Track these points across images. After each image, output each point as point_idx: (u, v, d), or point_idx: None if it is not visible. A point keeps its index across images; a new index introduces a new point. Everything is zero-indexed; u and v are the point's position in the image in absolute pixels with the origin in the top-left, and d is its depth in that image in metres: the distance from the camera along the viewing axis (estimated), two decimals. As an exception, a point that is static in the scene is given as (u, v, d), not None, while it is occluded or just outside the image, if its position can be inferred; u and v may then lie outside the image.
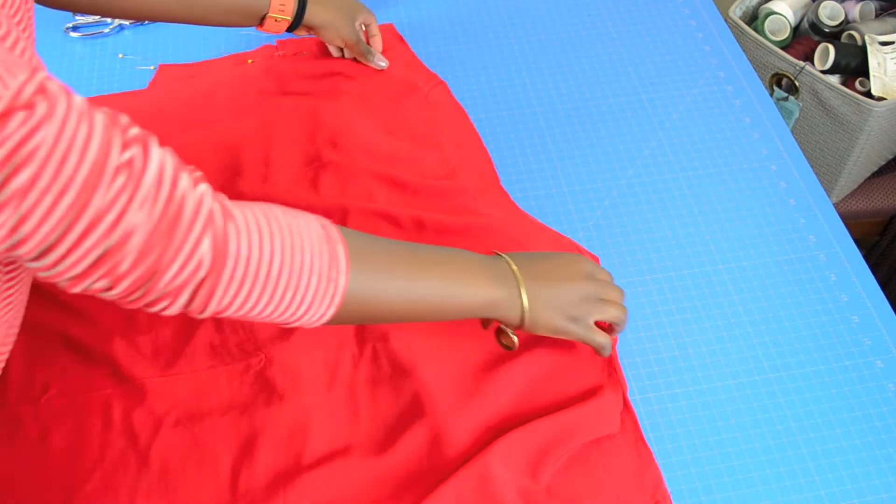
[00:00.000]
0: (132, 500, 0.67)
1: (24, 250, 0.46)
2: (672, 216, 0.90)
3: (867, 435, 0.74)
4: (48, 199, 0.45)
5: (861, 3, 1.49)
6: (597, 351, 0.71)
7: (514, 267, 0.68)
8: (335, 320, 0.60)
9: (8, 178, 0.43)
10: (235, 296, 0.53)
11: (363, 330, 0.76)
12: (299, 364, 0.74)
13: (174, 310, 0.53)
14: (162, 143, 0.52)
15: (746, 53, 1.13)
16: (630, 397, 0.75)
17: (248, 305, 0.55)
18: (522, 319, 0.68)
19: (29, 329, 0.74)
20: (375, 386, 0.73)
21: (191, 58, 1.04)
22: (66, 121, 0.45)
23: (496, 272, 0.67)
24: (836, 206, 1.37)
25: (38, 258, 0.47)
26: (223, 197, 0.54)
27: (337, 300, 0.58)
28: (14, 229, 0.45)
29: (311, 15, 0.92)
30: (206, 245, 0.51)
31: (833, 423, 0.75)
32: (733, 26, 1.47)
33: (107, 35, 1.07)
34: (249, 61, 1.02)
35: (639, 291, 0.83)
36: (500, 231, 0.83)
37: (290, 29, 0.92)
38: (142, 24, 1.08)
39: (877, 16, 1.51)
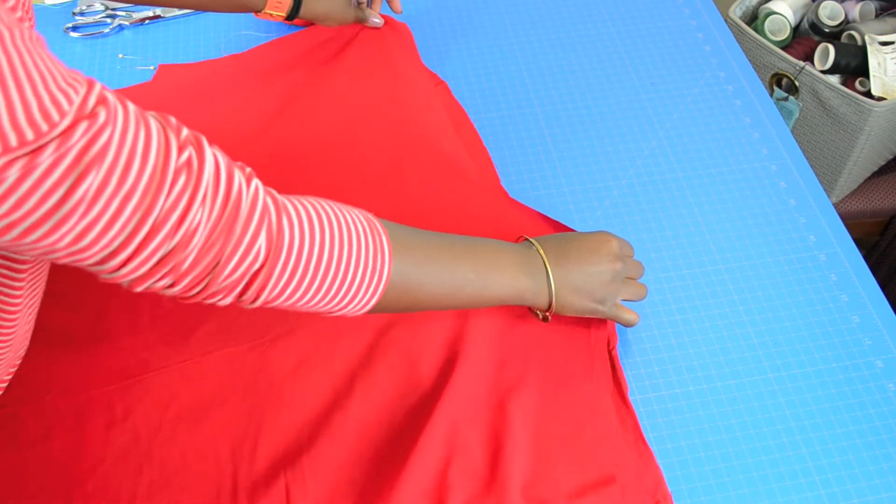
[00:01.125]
0: (133, 495, 0.67)
1: (88, 255, 0.47)
2: (672, 216, 0.90)
3: (867, 435, 0.74)
4: (114, 205, 0.45)
5: (861, 3, 1.49)
6: (625, 325, 0.75)
7: (543, 253, 0.70)
8: (377, 308, 0.62)
9: (74, 186, 0.44)
10: (287, 285, 0.55)
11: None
12: (302, 343, 0.75)
13: (228, 300, 0.54)
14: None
15: (746, 53, 1.13)
16: (630, 397, 0.75)
17: (298, 294, 0.56)
18: (550, 305, 0.71)
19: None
20: (373, 358, 0.74)
21: (191, 58, 1.04)
22: (127, 127, 0.46)
23: (526, 260, 0.70)
24: (836, 206, 1.38)
25: (101, 262, 0.48)
26: (274, 191, 0.55)
27: (381, 288, 0.60)
28: (80, 236, 0.46)
29: (306, 10, 0.93)
30: (262, 238, 0.52)
31: (833, 423, 0.75)
32: (733, 26, 1.47)
33: (107, 35, 1.07)
34: None
35: (639, 291, 0.83)
36: (510, 223, 0.84)
37: (288, 20, 0.94)
38: (142, 24, 1.08)
39: (877, 16, 1.51)
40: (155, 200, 0.47)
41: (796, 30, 1.53)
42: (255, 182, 0.53)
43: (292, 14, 0.93)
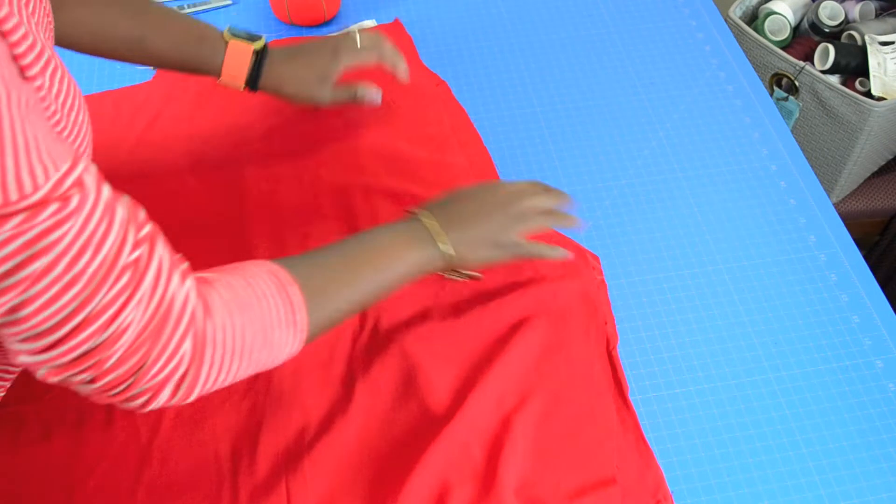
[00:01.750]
0: (133, 494, 0.68)
1: (17, 329, 0.47)
2: (672, 216, 0.90)
3: (867, 435, 0.74)
4: (55, 289, 0.45)
5: (861, 3, 1.49)
6: (542, 257, 0.73)
7: (429, 222, 0.70)
8: (305, 343, 0.62)
9: (24, 263, 0.44)
10: (217, 378, 0.55)
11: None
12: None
13: (157, 405, 0.54)
14: (168, 135, 0.52)
15: (746, 53, 1.13)
16: (630, 397, 0.75)
17: (230, 378, 0.57)
18: (453, 265, 0.71)
19: None
20: (372, 360, 0.74)
21: (191, 58, 1.04)
22: (92, 215, 0.47)
23: (414, 236, 0.70)
24: (836, 206, 1.38)
25: (28, 340, 0.47)
26: (203, 288, 0.55)
27: (302, 336, 0.61)
28: (14, 309, 0.46)
29: (267, 81, 0.84)
30: (188, 343, 0.52)
31: (833, 423, 0.75)
32: (733, 26, 1.47)
33: (107, 35, 1.07)
34: None
35: (639, 291, 0.83)
36: None
37: (251, 90, 0.85)
38: (142, 24, 1.08)
39: (877, 16, 1.51)
40: (95, 292, 0.47)
41: (796, 30, 1.53)
42: (189, 283, 0.53)
43: (251, 84, 0.83)
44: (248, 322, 0.56)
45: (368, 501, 0.67)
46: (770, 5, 1.52)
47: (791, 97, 1.43)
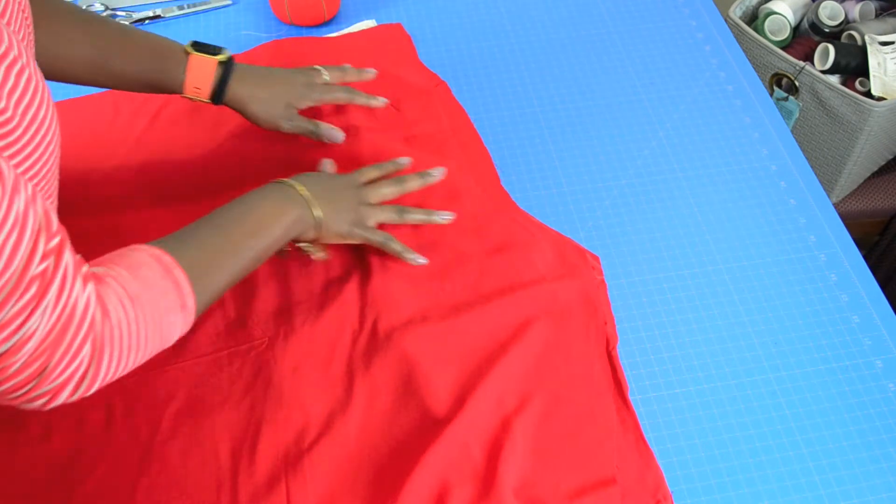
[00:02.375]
0: (133, 494, 0.68)
1: None
2: (672, 216, 0.90)
3: (867, 435, 0.74)
4: None
5: (861, 3, 1.49)
6: (382, 247, 0.78)
7: (302, 189, 0.74)
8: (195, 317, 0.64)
9: None
10: (114, 373, 0.57)
11: (365, 306, 0.78)
12: (300, 343, 0.76)
13: (57, 403, 0.55)
14: (168, 135, 0.52)
15: (746, 53, 1.13)
16: (630, 397, 0.75)
17: (130, 367, 0.58)
18: (318, 230, 0.74)
19: None
20: (372, 361, 0.74)
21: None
22: (2, 229, 0.46)
23: (289, 200, 0.73)
24: (836, 206, 1.38)
25: None
26: (94, 278, 0.56)
27: (190, 317, 0.63)
28: None
29: (232, 96, 0.83)
30: (87, 346, 0.53)
31: (833, 423, 0.75)
32: (733, 26, 1.47)
33: (107, 35, 1.07)
34: None
35: (639, 291, 0.83)
36: (499, 232, 0.83)
37: (215, 103, 0.84)
38: (142, 24, 1.08)
39: (877, 16, 1.51)
40: (3, 305, 0.47)
41: (796, 30, 1.53)
42: (89, 288, 0.54)
43: (216, 98, 0.82)
44: (142, 315, 0.58)
45: (368, 502, 0.67)
46: (770, 5, 1.52)
47: (791, 97, 1.43)
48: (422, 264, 0.78)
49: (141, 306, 0.58)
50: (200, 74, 0.81)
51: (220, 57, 0.81)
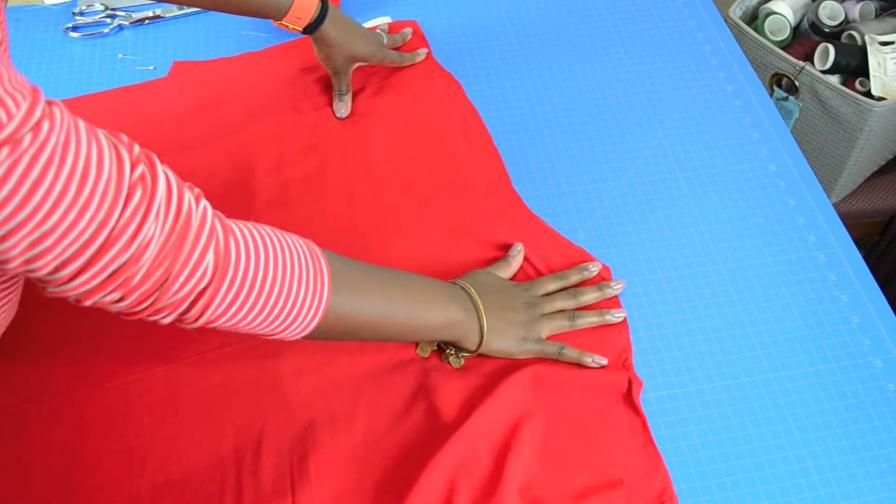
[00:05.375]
0: (137, 490, 0.68)
1: (41, 263, 0.47)
2: (672, 216, 0.90)
3: (867, 435, 0.74)
4: (71, 216, 0.45)
5: (861, 3, 1.49)
6: (558, 358, 0.76)
7: (475, 296, 0.74)
8: (314, 334, 0.62)
9: (28, 195, 0.44)
10: (230, 305, 0.55)
11: None
12: (307, 342, 0.75)
13: (171, 318, 0.54)
14: (180, 139, 0.52)
15: (746, 53, 1.13)
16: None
17: (240, 315, 0.56)
18: (480, 341, 0.73)
19: (31, 328, 0.74)
20: (380, 368, 0.75)
21: (190, 59, 1.04)
22: (80, 138, 0.46)
23: (458, 297, 0.73)
24: (836, 206, 1.38)
25: (53, 271, 0.48)
26: (221, 214, 0.56)
27: (321, 312, 0.60)
28: (36, 242, 0.45)
29: (325, 31, 0.91)
30: (210, 255, 0.52)
31: (833, 423, 0.75)
32: (733, 26, 1.47)
33: (106, 35, 1.07)
34: None
35: (639, 291, 0.83)
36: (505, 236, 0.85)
37: (304, 33, 0.92)
38: (141, 24, 1.08)
39: (877, 16, 1.51)
40: (111, 212, 0.47)
41: (796, 30, 1.53)
42: (204, 202, 0.54)
43: (310, 29, 0.90)
44: (272, 263, 0.56)
45: (375, 503, 0.67)
46: (770, 5, 1.52)
47: (791, 97, 1.43)
48: (603, 365, 0.76)
49: (274, 257, 0.56)
50: (303, 7, 0.88)
51: None
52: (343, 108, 0.95)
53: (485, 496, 0.67)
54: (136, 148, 0.51)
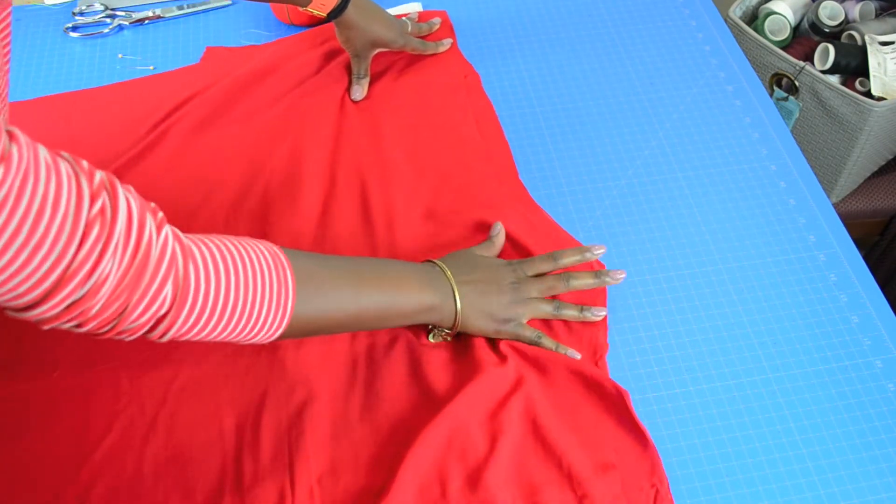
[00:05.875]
0: (139, 466, 0.69)
1: None
2: (672, 216, 0.90)
3: (867, 435, 0.74)
4: (23, 256, 0.45)
5: (861, 3, 1.49)
6: (534, 344, 0.75)
7: (448, 272, 0.73)
8: (285, 335, 0.63)
9: None
10: (193, 326, 0.56)
11: None
12: None
13: (133, 338, 0.55)
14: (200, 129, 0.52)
15: (746, 53, 1.13)
16: (630, 397, 0.75)
17: (205, 332, 0.57)
18: (455, 322, 0.73)
19: None
20: (376, 340, 0.76)
21: (191, 59, 1.04)
22: (38, 175, 0.46)
23: (431, 278, 0.73)
24: (836, 206, 1.38)
25: (10, 300, 0.48)
26: (181, 235, 0.56)
27: (287, 318, 0.61)
28: None
29: (348, 15, 0.92)
30: (168, 286, 0.53)
31: (833, 423, 0.75)
32: (733, 26, 1.47)
33: (106, 35, 1.07)
34: None
35: (639, 291, 0.83)
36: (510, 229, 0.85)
37: (327, 20, 0.94)
38: (141, 24, 1.08)
39: (877, 16, 1.51)
40: (66, 250, 0.47)
41: (796, 30, 1.53)
42: (166, 230, 0.53)
43: (333, 15, 0.92)
44: (233, 280, 0.56)
45: (370, 477, 0.68)
46: (770, 5, 1.52)
47: (791, 97, 1.43)
48: (576, 360, 0.75)
49: (235, 272, 0.57)
50: None
51: None
52: (359, 91, 0.97)
53: (474, 481, 0.68)
54: (98, 176, 0.50)
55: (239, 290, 0.57)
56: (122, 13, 1.08)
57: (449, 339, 0.76)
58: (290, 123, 0.94)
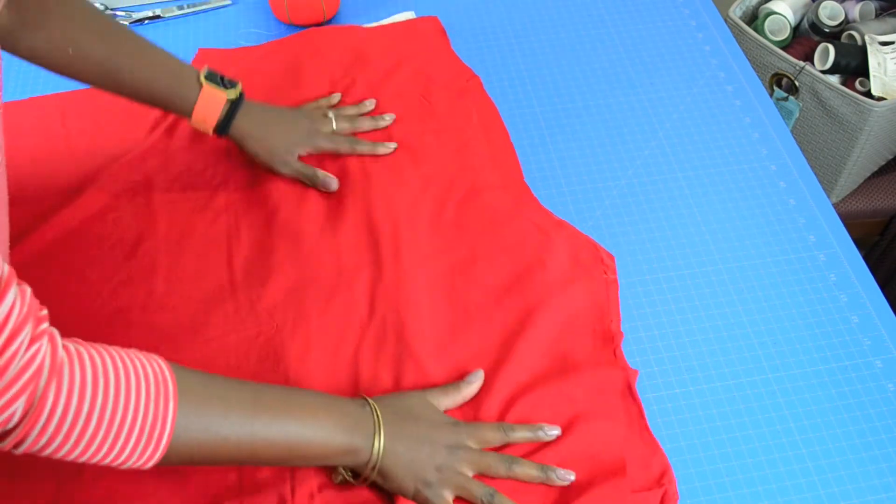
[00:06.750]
0: (139, 480, 0.67)
1: None
2: (672, 216, 0.90)
3: (867, 435, 0.74)
4: None
5: (861, 3, 1.49)
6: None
7: (377, 413, 0.66)
8: (168, 460, 0.58)
9: None
10: (49, 444, 0.53)
11: (374, 299, 0.79)
12: (309, 331, 0.77)
13: None
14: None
15: (746, 53, 1.13)
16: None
17: (64, 451, 0.54)
18: (368, 468, 0.65)
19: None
20: (379, 355, 0.76)
21: (190, 59, 1.04)
22: None
23: (354, 419, 0.65)
24: (836, 206, 1.38)
25: None
26: (61, 345, 0.53)
27: (164, 441, 0.56)
28: None
29: (235, 130, 0.85)
30: (20, 402, 0.50)
31: (833, 423, 0.75)
32: (733, 26, 1.47)
33: (107, 35, 1.07)
34: None
35: (639, 291, 0.83)
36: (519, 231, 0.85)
37: (218, 135, 0.85)
38: (141, 24, 1.08)
39: (877, 16, 1.51)
40: None
41: (796, 30, 1.53)
42: (41, 342, 0.51)
43: (219, 130, 0.84)
44: (100, 399, 0.53)
45: (371, 487, 0.68)
46: (770, 5, 1.52)
47: (791, 97, 1.43)
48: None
49: (104, 393, 0.53)
50: (209, 107, 0.82)
51: (231, 94, 0.83)
52: (332, 182, 0.87)
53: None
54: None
55: (106, 410, 0.53)
56: (122, 13, 1.08)
57: (355, 484, 0.67)
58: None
